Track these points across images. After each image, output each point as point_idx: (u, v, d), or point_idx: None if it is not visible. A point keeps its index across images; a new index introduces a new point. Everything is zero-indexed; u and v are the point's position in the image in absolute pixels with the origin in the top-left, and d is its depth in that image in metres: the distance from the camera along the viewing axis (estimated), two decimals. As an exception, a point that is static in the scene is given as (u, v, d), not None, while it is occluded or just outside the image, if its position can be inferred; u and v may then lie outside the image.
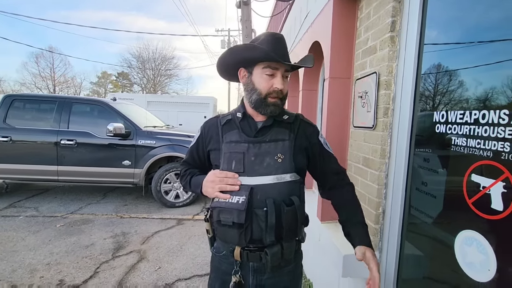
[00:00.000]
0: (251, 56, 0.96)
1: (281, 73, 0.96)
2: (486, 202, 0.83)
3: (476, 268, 0.87)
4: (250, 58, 0.97)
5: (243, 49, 0.98)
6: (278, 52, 0.94)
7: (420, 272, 1.26)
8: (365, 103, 1.52)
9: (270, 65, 0.95)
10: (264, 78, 0.96)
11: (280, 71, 0.96)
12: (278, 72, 0.96)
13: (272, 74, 0.96)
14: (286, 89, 1.00)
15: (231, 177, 0.95)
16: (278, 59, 0.93)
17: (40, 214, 3.91)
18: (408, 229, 1.29)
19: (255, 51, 0.95)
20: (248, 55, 0.96)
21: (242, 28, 5.75)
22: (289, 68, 1.00)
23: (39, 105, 4.52)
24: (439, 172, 1.08)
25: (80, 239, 3.18)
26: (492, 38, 0.87)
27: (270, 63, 0.95)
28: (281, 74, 0.96)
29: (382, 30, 1.37)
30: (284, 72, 0.98)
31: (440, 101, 1.11)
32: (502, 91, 0.82)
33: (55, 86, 27.95)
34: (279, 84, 0.95)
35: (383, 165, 1.37)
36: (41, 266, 2.58)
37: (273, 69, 0.95)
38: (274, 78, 0.96)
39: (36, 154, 4.20)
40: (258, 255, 0.96)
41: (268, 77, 0.96)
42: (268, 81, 0.96)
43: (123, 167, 4.22)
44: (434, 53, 1.14)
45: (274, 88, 0.96)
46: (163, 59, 31.15)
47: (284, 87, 0.98)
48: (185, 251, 2.97)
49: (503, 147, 0.78)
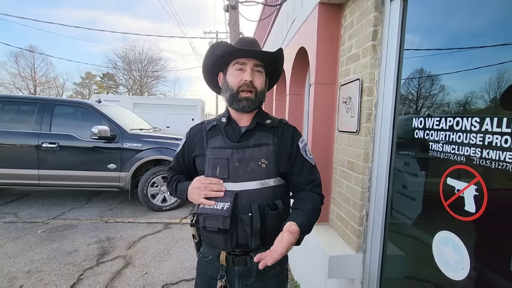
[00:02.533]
0: (218, 53, 1.02)
1: (250, 66, 1.00)
2: (460, 204, 0.88)
3: (452, 267, 0.92)
4: (218, 55, 1.02)
5: (213, 50, 1.04)
6: (243, 46, 0.99)
7: (402, 271, 1.30)
8: (349, 108, 1.57)
9: (238, 61, 1.00)
10: (234, 74, 1.01)
11: (249, 65, 1.00)
12: (247, 66, 1.00)
13: (241, 69, 1.00)
14: (259, 84, 1.02)
15: (215, 183, 0.97)
16: (237, 48, 0.97)
17: (19, 220, 3.76)
18: (390, 230, 1.34)
19: (218, 48, 1.01)
20: (216, 52, 1.02)
21: (230, 31, 5.77)
22: (259, 63, 1.02)
23: (19, 106, 4.36)
24: (418, 176, 1.14)
25: (63, 245, 3.08)
26: (470, 45, 0.92)
27: (238, 59, 1.00)
28: (250, 68, 1.00)
29: (364, 38, 1.43)
30: (253, 66, 1.01)
31: (419, 107, 1.16)
32: (477, 97, 0.87)
33: (36, 86, 26.98)
34: (247, 76, 0.99)
35: (367, 168, 1.42)
36: (21, 274, 2.49)
37: (241, 64, 1.00)
38: (243, 72, 1.00)
39: (16, 158, 4.04)
40: (244, 259, 0.98)
41: (238, 72, 1.00)
42: (238, 76, 1.00)
43: (108, 171, 4.13)
44: (414, 60, 1.20)
45: (244, 81, 0.99)
46: (149, 60, 30.72)
47: (254, 80, 1.00)
48: (172, 255, 2.93)
49: (475, 152, 0.83)
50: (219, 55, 1.02)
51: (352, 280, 1.53)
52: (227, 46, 1.00)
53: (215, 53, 1.03)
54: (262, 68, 1.04)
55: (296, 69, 2.72)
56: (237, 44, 1.03)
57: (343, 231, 1.64)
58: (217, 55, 1.02)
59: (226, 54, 1.01)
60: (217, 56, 1.03)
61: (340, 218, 1.70)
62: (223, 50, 1.01)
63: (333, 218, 1.81)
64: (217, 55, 1.02)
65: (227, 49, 1.00)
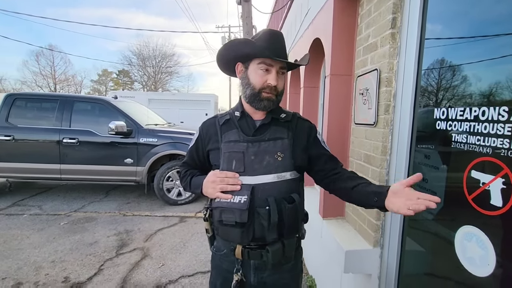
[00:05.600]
0: (246, 51, 0.98)
1: (275, 69, 0.97)
2: (485, 198, 0.84)
3: (476, 263, 0.88)
4: (245, 53, 0.99)
5: (238, 44, 1.00)
6: (273, 49, 0.95)
7: (422, 267, 1.27)
8: (366, 100, 1.53)
9: (265, 61, 0.96)
10: (258, 74, 0.97)
11: (275, 68, 0.97)
12: (272, 69, 0.97)
13: (266, 69, 0.97)
14: (281, 86, 1.01)
15: (231, 176, 0.96)
16: (271, 56, 0.94)
17: (43, 213, 3.94)
18: (410, 225, 1.30)
19: (249, 46, 0.96)
20: (243, 50, 0.98)
21: (242, 25, 5.73)
22: (285, 65, 1.00)
23: (41, 104, 4.54)
24: (440, 169, 1.09)
25: (84, 237, 3.21)
26: (496, 32, 0.87)
27: (265, 59, 0.96)
28: (276, 71, 0.97)
29: (382, 27, 1.37)
30: (279, 69, 0.98)
31: (441, 98, 1.11)
32: (503, 88, 0.82)
33: (56, 84, 28.00)
34: (273, 80, 0.96)
35: (384, 162, 1.38)
36: (46, 264, 2.61)
37: (267, 65, 0.96)
38: (268, 74, 0.97)
39: (39, 153, 4.22)
40: (259, 253, 0.97)
41: (263, 72, 0.97)
42: (262, 76, 0.97)
43: (125, 165, 4.24)
44: (435, 49, 1.14)
45: (268, 84, 0.97)
46: (163, 56, 31.14)
47: (278, 84, 0.98)
48: (188, 248, 2.99)
49: (503, 143, 0.78)
50: (246, 53, 0.98)
51: (369, 276, 1.51)
52: (258, 48, 0.95)
53: (243, 50, 0.98)
54: (285, 69, 1.02)
55: (311, 61, 2.66)
56: (264, 41, 0.97)
57: (359, 226, 1.62)
58: (245, 52, 0.98)
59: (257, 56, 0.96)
60: (244, 53, 0.99)
61: (356, 213, 1.67)
62: (254, 52, 0.96)
63: (349, 212, 1.78)
64: (244, 52, 0.98)
65: (258, 52, 0.95)
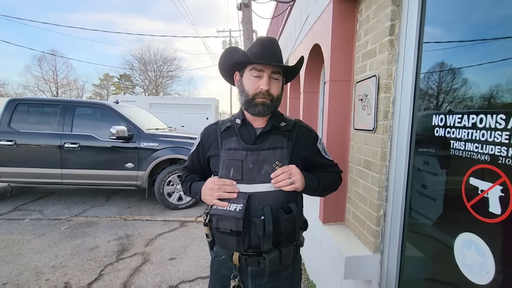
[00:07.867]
0: (236, 58, 1.01)
1: (267, 74, 0.98)
2: (484, 206, 0.84)
3: (475, 270, 0.88)
4: (237, 61, 1.01)
5: (230, 52, 1.03)
6: (264, 55, 0.97)
7: (422, 273, 1.26)
8: (365, 106, 1.53)
9: (256, 67, 0.98)
10: (251, 80, 0.99)
11: (266, 73, 0.98)
12: (264, 74, 0.98)
13: (258, 76, 0.98)
14: (276, 91, 1.01)
15: (229, 184, 0.97)
16: (257, 61, 0.95)
17: (44, 217, 3.94)
18: (409, 231, 1.30)
19: (239, 53, 1.00)
20: (234, 57, 1.01)
21: (243, 30, 5.77)
22: (277, 70, 1.01)
23: (42, 108, 4.56)
24: (439, 175, 1.09)
25: (85, 241, 3.21)
26: (492, 36, 0.87)
27: (255, 65, 0.98)
28: (268, 75, 0.98)
29: (381, 34, 1.39)
30: (271, 73, 0.99)
31: (440, 104, 1.12)
32: (500, 93, 0.83)
33: (58, 88, 28.18)
34: (264, 85, 0.97)
35: (384, 167, 1.38)
36: (47, 269, 2.61)
37: (258, 70, 0.98)
38: (260, 79, 0.98)
39: (40, 158, 4.24)
40: (257, 260, 0.97)
41: (255, 78, 0.99)
42: (255, 83, 0.99)
43: (126, 170, 4.25)
44: (433, 56, 1.15)
45: (260, 89, 0.98)
46: (164, 61, 31.35)
47: (271, 88, 0.99)
48: (188, 253, 2.98)
49: (500, 151, 0.79)
50: (236, 60, 1.01)
51: (369, 282, 1.50)
52: (244, 55, 0.98)
53: (233, 57, 1.02)
54: (279, 74, 1.02)
55: (310, 66, 2.68)
56: (255, 47, 1.01)
57: (359, 231, 1.61)
58: (235, 60, 1.02)
59: (244, 62, 1.00)
60: (235, 60, 1.02)
61: (356, 218, 1.67)
62: (240, 58, 1.00)
63: (349, 217, 1.78)
64: (234, 59, 1.02)
65: (244, 58, 0.99)
